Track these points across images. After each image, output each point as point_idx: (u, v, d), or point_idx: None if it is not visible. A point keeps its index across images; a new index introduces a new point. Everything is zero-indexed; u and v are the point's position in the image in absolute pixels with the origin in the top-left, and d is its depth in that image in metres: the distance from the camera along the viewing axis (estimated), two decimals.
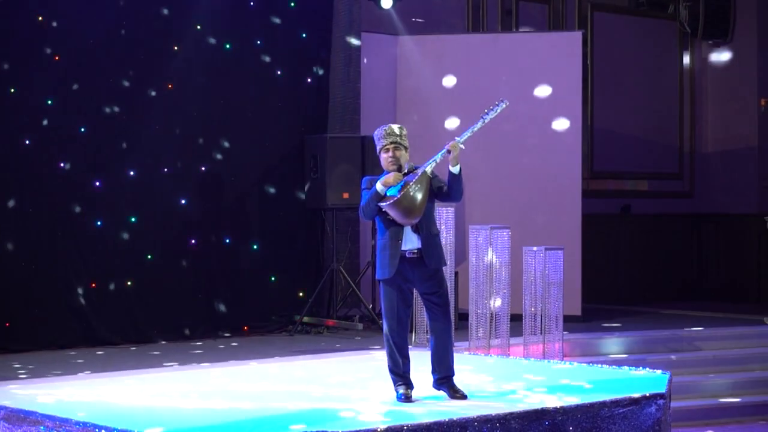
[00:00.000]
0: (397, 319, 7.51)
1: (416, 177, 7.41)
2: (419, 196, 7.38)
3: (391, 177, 7.43)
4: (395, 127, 7.59)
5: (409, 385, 7.56)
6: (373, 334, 11.49)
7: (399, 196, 7.33)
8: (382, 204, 7.39)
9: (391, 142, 7.51)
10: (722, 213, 15.89)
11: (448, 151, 7.43)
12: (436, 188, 7.51)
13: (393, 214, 7.40)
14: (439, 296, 7.62)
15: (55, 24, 10.73)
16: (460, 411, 7.10)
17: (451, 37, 13.43)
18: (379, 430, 6.60)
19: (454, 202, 7.71)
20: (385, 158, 7.54)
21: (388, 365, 7.59)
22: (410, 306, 7.68)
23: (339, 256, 12.06)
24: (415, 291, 7.75)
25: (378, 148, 7.58)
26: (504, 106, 7.63)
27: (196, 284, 11.50)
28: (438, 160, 7.50)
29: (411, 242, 7.49)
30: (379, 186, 7.41)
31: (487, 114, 7.58)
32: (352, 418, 7.09)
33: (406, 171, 7.54)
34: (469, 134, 7.55)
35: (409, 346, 7.72)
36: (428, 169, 7.46)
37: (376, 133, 7.62)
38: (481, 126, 7.57)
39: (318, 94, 12.40)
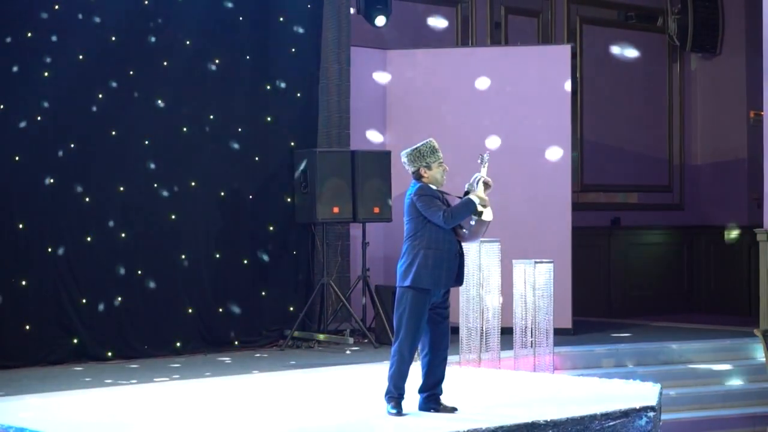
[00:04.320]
0: (420, 331, 7.50)
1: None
2: None
3: (486, 197, 7.58)
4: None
5: (402, 399, 7.54)
6: (364, 348, 11.49)
7: (491, 217, 7.58)
8: (475, 218, 7.54)
9: (441, 157, 7.67)
10: (712, 225, 15.92)
11: (486, 184, 7.61)
12: None
13: (476, 229, 7.58)
14: (448, 309, 7.69)
15: (46, 37, 10.74)
16: (451, 425, 7.11)
17: (441, 51, 13.43)
18: None
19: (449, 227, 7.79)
20: (440, 172, 7.65)
21: (393, 379, 7.52)
22: None
23: (329, 270, 12.05)
24: None
25: (428, 161, 7.60)
26: (488, 156, 7.77)
27: (187, 299, 11.47)
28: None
29: None
30: (476, 200, 7.53)
31: (481, 169, 7.70)
32: None
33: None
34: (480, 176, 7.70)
35: None
36: None
37: (415, 150, 7.62)
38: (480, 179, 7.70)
39: (308, 108, 12.40)
